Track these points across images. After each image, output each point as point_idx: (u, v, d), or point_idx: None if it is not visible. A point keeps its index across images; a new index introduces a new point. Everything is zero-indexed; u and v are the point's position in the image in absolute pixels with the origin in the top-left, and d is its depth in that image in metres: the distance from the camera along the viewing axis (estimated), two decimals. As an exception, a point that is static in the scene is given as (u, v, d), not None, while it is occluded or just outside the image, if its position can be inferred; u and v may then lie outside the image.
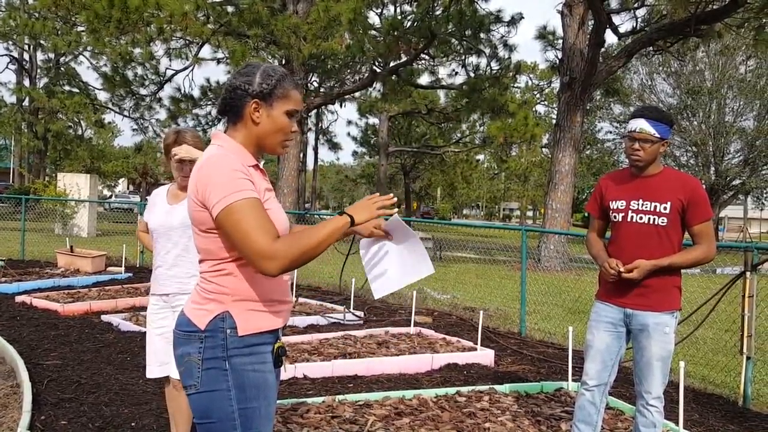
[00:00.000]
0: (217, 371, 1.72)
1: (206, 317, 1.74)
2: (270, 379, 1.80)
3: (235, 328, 1.73)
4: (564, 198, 15.15)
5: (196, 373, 1.73)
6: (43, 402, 3.93)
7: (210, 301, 1.75)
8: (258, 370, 1.76)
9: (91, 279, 9.04)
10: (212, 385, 1.72)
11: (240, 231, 1.63)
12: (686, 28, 13.87)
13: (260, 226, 1.63)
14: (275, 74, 1.80)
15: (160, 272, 3.04)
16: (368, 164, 50.99)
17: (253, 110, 1.78)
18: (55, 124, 29.20)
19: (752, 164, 30.74)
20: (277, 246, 1.62)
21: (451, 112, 30.42)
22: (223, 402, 1.72)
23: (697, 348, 6.59)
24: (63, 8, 15.76)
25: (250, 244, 1.62)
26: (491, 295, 9.63)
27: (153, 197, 3.16)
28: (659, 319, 2.87)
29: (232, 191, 1.65)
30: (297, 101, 1.83)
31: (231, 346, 1.73)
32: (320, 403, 3.99)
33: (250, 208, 1.65)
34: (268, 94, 1.78)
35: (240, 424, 1.72)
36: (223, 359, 1.72)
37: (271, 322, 1.79)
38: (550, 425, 3.83)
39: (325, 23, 15.25)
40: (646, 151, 2.86)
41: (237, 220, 1.63)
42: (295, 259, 1.63)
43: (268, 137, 1.81)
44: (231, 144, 1.80)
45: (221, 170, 1.68)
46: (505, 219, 75.89)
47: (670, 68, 30.99)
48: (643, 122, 2.86)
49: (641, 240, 2.89)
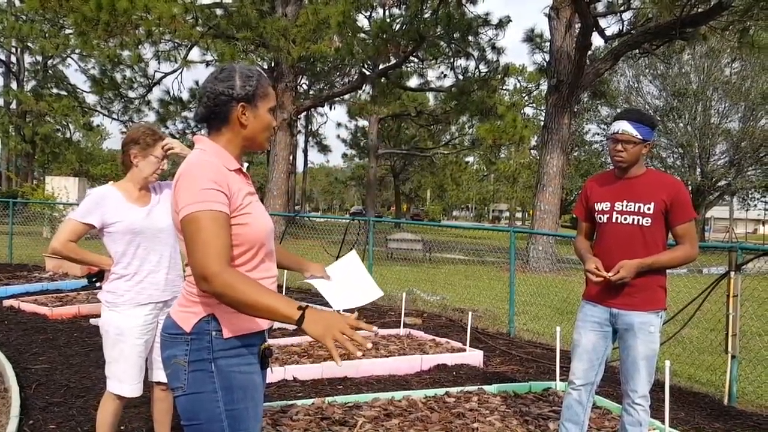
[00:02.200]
0: (203, 373, 1.73)
1: (192, 320, 1.75)
2: (257, 380, 1.81)
3: (221, 330, 1.74)
4: (552, 199, 15.24)
5: (182, 375, 1.74)
6: (32, 406, 3.91)
7: (195, 304, 1.76)
8: (244, 372, 1.77)
9: (80, 282, 8.99)
10: (199, 387, 1.73)
11: (194, 242, 1.63)
12: (672, 31, 14.01)
13: (213, 244, 1.63)
14: (253, 75, 1.83)
15: (156, 278, 2.84)
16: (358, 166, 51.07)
17: (241, 113, 1.80)
18: (43, 127, 29.03)
19: (737, 165, 31.08)
20: (222, 273, 1.60)
21: (441, 115, 30.57)
22: (210, 404, 1.73)
23: (683, 347, 6.66)
24: (51, 11, 15.68)
25: (198, 258, 1.62)
26: (480, 296, 9.67)
27: (100, 199, 2.82)
28: (644, 319, 2.91)
29: (200, 200, 1.65)
30: (274, 97, 1.89)
31: (216, 348, 1.74)
32: (310, 405, 4.00)
33: (212, 221, 1.64)
34: (252, 96, 1.80)
35: (228, 425, 1.73)
36: (209, 361, 1.73)
37: (256, 324, 1.80)
38: (538, 425, 3.86)
39: (315, 26, 15.28)
40: (628, 152, 2.92)
41: (196, 229, 1.64)
42: (226, 295, 1.60)
43: (256, 136, 1.85)
44: (214, 148, 1.81)
45: (197, 177, 1.68)
46: (495, 220, 76.09)
47: (657, 71, 31.30)
48: (626, 124, 2.91)
49: (626, 241, 2.93)
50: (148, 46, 17.55)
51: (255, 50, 17.54)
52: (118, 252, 2.83)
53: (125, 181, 2.92)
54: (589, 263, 2.94)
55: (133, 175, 2.89)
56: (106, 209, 2.80)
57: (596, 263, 2.92)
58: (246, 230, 1.75)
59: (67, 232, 2.82)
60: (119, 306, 2.81)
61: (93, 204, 2.81)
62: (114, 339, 2.82)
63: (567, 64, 15.11)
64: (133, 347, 2.81)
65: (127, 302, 2.81)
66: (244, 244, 1.76)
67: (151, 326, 2.87)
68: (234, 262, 1.75)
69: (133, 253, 2.82)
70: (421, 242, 16.47)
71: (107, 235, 2.84)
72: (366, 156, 38.70)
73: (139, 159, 2.86)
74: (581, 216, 3.21)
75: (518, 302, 8.15)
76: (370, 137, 35.67)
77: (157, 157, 2.87)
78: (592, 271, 2.90)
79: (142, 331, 2.83)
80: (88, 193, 2.95)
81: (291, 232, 13.87)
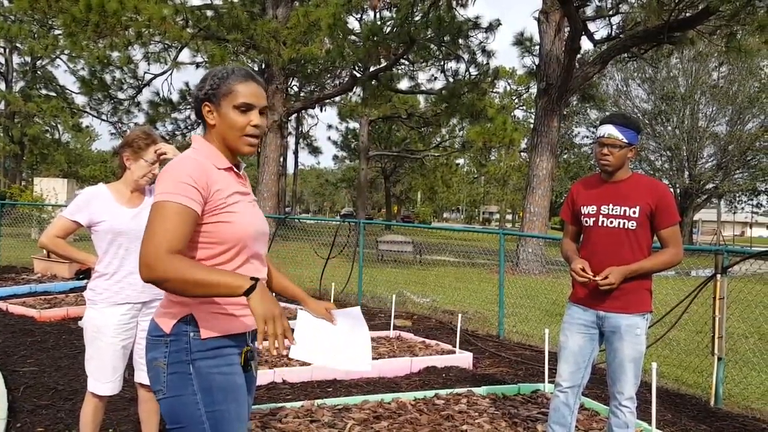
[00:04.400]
0: (181, 375, 1.71)
1: (171, 321, 1.75)
2: (238, 381, 1.78)
3: (199, 331, 1.73)
4: (542, 202, 15.32)
5: (162, 377, 1.73)
6: (19, 409, 3.89)
7: (175, 305, 1.76)
8: (224, 373, 1.75)
9: (69, 284, 8.94)
10: (178, 389, 1.72)
11: (152, 227, 1.63)
12: (660, 35, 14.14)
13: (167, 234, 1.61)
14: (220, 73, 1.83)
15: (136, 279, 2.85)
16: (349, 168, 51.08)
17: (207, 113, 1.82)
18: (32, 128, 28.86)
19: (725, 168, 31.35)
20: (165, 259, 1.59)
21: (431, 117, 30.64)
22: (191, 406, 1.71)
23: (670, 349, 6.71)
24: (40, 11, 15.58)
25: (147, 244, 1.61)
26: (470, 298, 9.70)
27: (91, 198, 2.88)
28: (631, 321, 2.94)
29: (171, 191, 1.66)
30: (246, 94, 1.80)
31: (195, 349, 1.72)
32: (299, 408, 4.01)
33: (174, 213, 1.64)
34: (213, 95, 1.80)
35: (209, 427, 1.71)
36: (188, 363, 1.72)
37: (236, 326, 1.79)
38: (527, 427, 3.89)
39: (305, 28, 15.30)
40: (614, 155, 2.95)
41: (157, 216, 1.64)
42: (169, 279, 1.58)
43: (226, 136, 1.82)
44: (204, 147, 1.83)
45: (176, 171, 1.70)
46: (485, 222, 76.31)
47: (645, 74, 31.54)
48: (611, 128, 2.95)
49: (612, 244, 2.96)
50: (138, 47, 17.48)
51: (245, 52, 17.53)
52: (101, 250, 2.89)
53: (119, 183, 2.97)
54: (575, 263, 2.96)
55: (125, 177, 2.94)
56: (94, 208, 2.85)
57: (583, 264, 2.94)
58: (227, 228, 1.74)
59: (56, 228, 2.89)
60: (98, 304, 2.87)
61: (83, 202, 2.86)
62: (92, 336, 2.88)
63: (556, 68, 15.20)
64: (108, 345, 2.85)
65: (105, 300, 2.86)
66: (224, 242, 1.75)
67: (128, 326, 2.89)
68: (212, 261, 1.75)
69: (114, 252, 2.86)
70: (412, 244, 16.50)
71: (94, 234, 2.89)
72: (357, 158, 38.75)
73: (131, 162, 2.90)
74: (567, 219, 3.24)
75: (508, 304, 8.19)
76: (361, 139, 35.71)
77: (147, 161, 2.90)
78: (577, 271, 2.92)
79: (117, 330, 2.86)
80: (76, 193, 2.97)
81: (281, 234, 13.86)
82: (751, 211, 42.04)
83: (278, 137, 18.92)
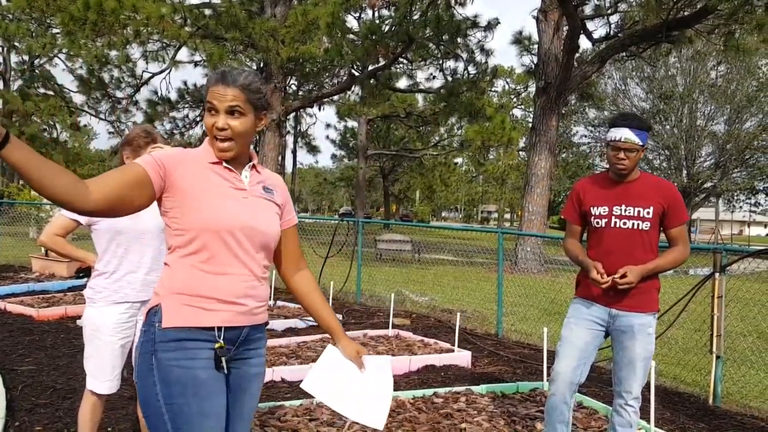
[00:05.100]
0: (147, 365, 1.75)
1: (146, 311, 1.81)
2: (201, 376, 1.74)
3: (162, 321, 1.75)
4: (540, 201, 15.32)
5: (136, 366, 1.80)
6: (18, 408, 3.89)
7: (154, 295, 1.81)
8: (184, 366, 1.73)
9: (67, 283, 8.93)
10: (143, 378, 1.75)
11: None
12: (658, 34, 14.15)
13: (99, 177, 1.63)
14: (210, 76, 1.88)
15: (134, 278, 2.88)
16: (347, 167, 51.01)
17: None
18: (30, 127, 28.73)
19: (723, 167, 31.37)
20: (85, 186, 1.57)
21: (430, 116, 30.60)
22: (151, 396, 1.73)
23: (669, 347, 6.72)
24: (38, 10, 15.55)
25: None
26: (469, 296, 9.70)
27: None
28: (644, 320, 2.93)
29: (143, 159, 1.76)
30: (210, 96, 1.81)
31: (158, 339, 1.74)
32: (298, 406, 4.01)
33: (119, 169, 1.69)
34: (204, 96, 1.87)
35: (169, 419, 1.71)
36: (151, 353, 1.74)
37: (203, 319, 1.76)
38: (526, 425, 3.89)
39: (304, 27, 15.26)
40: (631, 159, 2.91)
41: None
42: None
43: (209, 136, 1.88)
44: (204, 144, 1.91)
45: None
46: (483, 221, 76.31)
47: (643, 73, 31.54)
48: (628, 132, 2.89)
49: (625, 245, 2.94)
50: (136, 46, 17.41)
51: (244, 51, 17.49)
52: (101, 249, 2.89)
53: None
54: (592, 271, 2.91)
55: None
56: None
57: (599, 268, 2.90)
58: (192, 217, 1.76)
59: (55, 227, 2.89)
60: (96, 302, 2.88)
61: None
62: (90, 334, 2.88)
63: (555, 67, 15.20)
64: (106, 344, 2.85)
65: (104, 299, 2.87)
66: (188, 231, 1.77)
67: (127, 325, 2.90)
68: (178, 251, 1.79)
69: (113, 251, 2.87)
70: (410, 243, 16.50)
71: (94, 232, 2.90)
72: (355, 157, 38.71)
73: (130, 160, 2.89)
74: (572, 219, 3.19)
75: (506, 303, 8.19)
76: (360, 138, 35.67)
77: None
78: (598, 279, 2.88)
79: (115, 329, 2.86)
80: None
81: (280, 233, 13.84)
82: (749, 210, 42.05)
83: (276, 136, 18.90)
